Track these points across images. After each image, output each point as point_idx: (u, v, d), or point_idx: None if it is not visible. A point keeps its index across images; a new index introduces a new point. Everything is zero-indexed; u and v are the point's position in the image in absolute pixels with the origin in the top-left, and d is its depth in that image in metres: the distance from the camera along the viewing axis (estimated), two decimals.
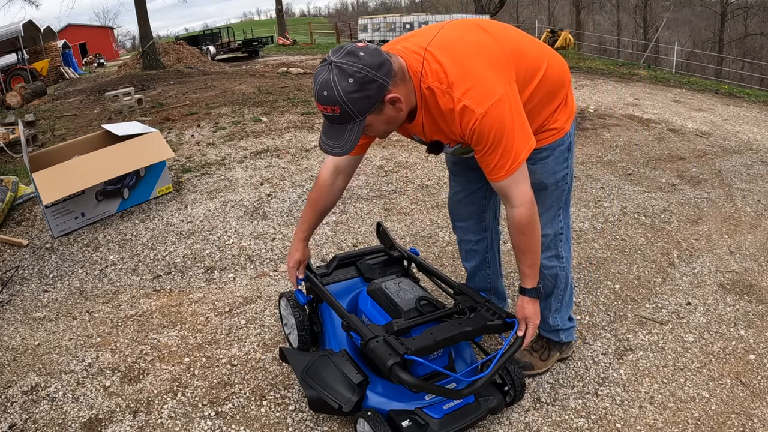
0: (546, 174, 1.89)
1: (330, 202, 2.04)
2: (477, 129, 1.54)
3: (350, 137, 1.52)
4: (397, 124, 1.63)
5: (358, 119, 1.49)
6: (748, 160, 5.09)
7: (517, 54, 1.66)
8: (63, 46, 20.47)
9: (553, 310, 2.14)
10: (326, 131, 1.56)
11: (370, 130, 1.59)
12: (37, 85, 12.66)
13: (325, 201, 2.02)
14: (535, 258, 1.78)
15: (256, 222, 3.69)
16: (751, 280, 2.95)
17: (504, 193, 1.67)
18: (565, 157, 1.91)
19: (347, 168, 1.97)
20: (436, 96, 1.57)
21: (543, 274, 2.06)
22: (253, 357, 2.34)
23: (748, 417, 1.99)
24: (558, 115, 1.86)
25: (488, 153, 1.59)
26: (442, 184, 4.25)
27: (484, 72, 1.55)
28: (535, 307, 1.82)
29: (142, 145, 3.95)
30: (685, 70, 16.42)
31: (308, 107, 6.79)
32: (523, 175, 1.64)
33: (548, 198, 1.94)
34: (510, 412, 2.01)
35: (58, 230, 3.62)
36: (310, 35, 28.28)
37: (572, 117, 1.92)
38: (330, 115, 1.49)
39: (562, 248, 2.04)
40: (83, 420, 2.04)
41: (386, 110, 1.53)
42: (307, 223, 2.08)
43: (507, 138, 1.56)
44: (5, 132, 6.23)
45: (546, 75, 1.75)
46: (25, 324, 2.72)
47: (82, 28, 42.88)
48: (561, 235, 2.02)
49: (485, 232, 2.24)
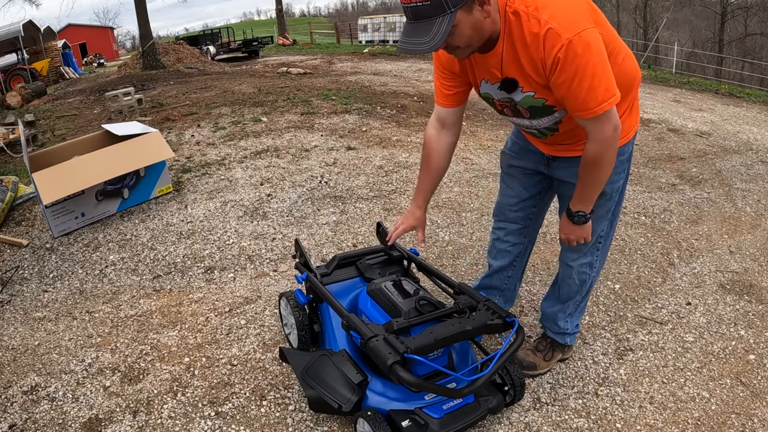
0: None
1: (441, 159, 1.96)
2: (561, 57, 1.47)
3: (439, 31, 1.46)
4: (480, 37, 1.55)
5: (449, 11, 1.45)
6: (748, 160, 5.09)
7: (603, 23, 1.61)
8: (63, 46, 20.47)
9: (567, 314, 2.14)
10: (409, 31, 1.50)
11: (455, 36, 1.51)
12: (37, 85, 12.66)
13: (435, 159, 1.95)
14: (590, 192, 1.73)
15: (256, 222, 3.69)
16: (751, 280, 2.94)
17: (585, 126, 1.61)
18: (624, 168, 1.87)
19: (451, 119, 1.91)
20: (521, 20, 1.52)
21: (572, 279, 2.05)
22: (253, 357, 2.34)
23: (748, 417, 1.99)
24: (625, 120, 1.78)
25: (573, 85, 1.51)
26: (442, 184, 4.25)
27: (571, 6, 1.51)
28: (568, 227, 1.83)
29: (142, 145, 3.95)
30: (685, 70, 16.42)
31: (308, 107, 6.79)
32: (607, 117, 1.56)
33: (602, 206, 1.90)
34: (510, 412, 2.01)
35: (58, 230, 3.61)
36: (310, 35, 28.26)
37: (636, 127, 1.86)
38: (418, 6, 1.44)
39: (597, 257, 2.03)
40: (83, 420, 2.04)
41: (475, 12, 1.49)
42: (422, 188, 2.01)
43: (594, 72, 1.48)
44: (5, 132, 6.23)
45: (622, 64, 1.69)
46: (25, 324, 2.72)
47: (82, 28, 42.91)
48: (599, 243, 2.00)
49: (525, 239, 2.20)
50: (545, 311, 2.21)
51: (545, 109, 1.68)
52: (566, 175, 1.91)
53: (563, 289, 2.11)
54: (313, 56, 16.25)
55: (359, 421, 1.77)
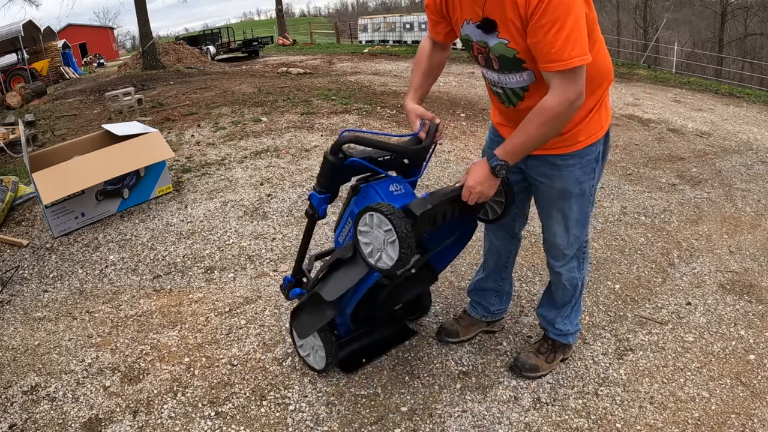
0: (571, 182, 1.86)
1: (433, 63, 1.97)
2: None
3: None
4: None
5: None
6: (748, 160, 5.09)
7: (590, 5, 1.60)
8: (63, 46, 20.47)
9: (564, 316, 2.15)
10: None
11: None
12: (37, 85, 12.67)
13: (428, 62, 1.97)
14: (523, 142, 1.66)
15: (256, 222, 3.69)
16: (751, 280, 2.94)
17: (551, 81, 1.57)
18: (592, 167, 1.87)
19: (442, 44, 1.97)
20: None
21: (563, 284, 2.07)
22: (253, 357, 2.34)
23: (748, 417, 1.99)
24: (592, 117, 1.79)
25: (552, 31, 1.49)
26: (442, 184, 4.26)
27: None
28: (482, 177, 1.71)
29: (142, 145, 3.95)
30: (685, 70, 16.41)
31: (308, 107, 6.79)
32: (576, 75, 1.54)
33: (572, 207, 1.91)
34: (510, 412, 2.01)
35: (58, 230, 3.61)
36: (310, 35, 28.28)
37: (605, 127, 1.85)
38: None
39: (584, 260, 2.06)
40: (83, 420, 2.04)
41: None
42: (415, 84, 1.97)
43: (574, 25, 1.48)
44: (5, 132, 6.24)
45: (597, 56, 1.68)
46: (25, 324, 2.72)
47: (82, 28, 42.90)
48: (585, 247, 2.04)
49: (512, 238, 2.23)
50: (543, 316, 2.22)
51: (515, 62, 1.66)
52: (538, 174, 1.92)
53: (558, 295, 2.13)
54: (313, 56, 16.25)
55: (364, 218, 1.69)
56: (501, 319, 2.45)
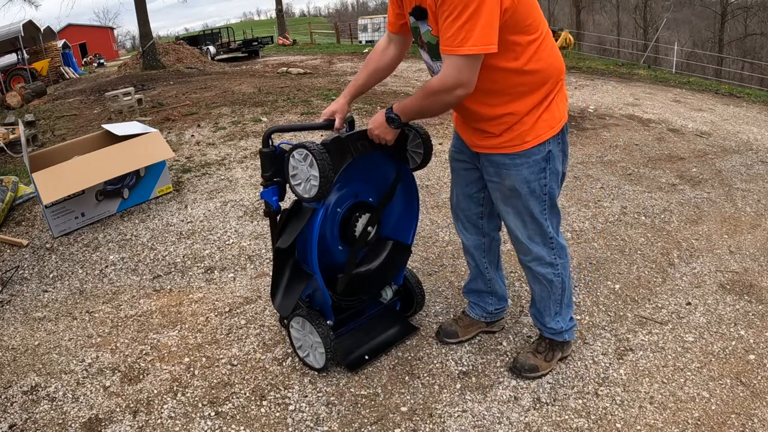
0: (519, 181, 1.88)
1: (383, 63, 2.08)
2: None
3: None
4: None
5: None
6: (748, 160, 5.09)
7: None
8: (63, 46, 20.49)
9: (553, 314, 2.14)
10: None
11: None
12: (37, 85, 12.67)
13: (376, 62, 2.08)
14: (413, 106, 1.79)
15: (256, 222, 3.69)
16: (751, 280, 2.94)
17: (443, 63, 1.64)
18: (541, 167, 1.86)
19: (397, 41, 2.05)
20: None
21: (537, 279, 2.08)
22: (253, 357, 2.34)
23: (748, 417, 1.99)
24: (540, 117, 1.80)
25: (451, 17, 1.55)
26: (443, 184, 4.26)
27: None
28: (379, 122, 1.89)
29: (142, 145, 3.95)
30: (685, 70, 16.42)
31: (308, 107, 6.79)
32: (463, 64, 1.59)
33: (525, 203, 1.92)
34: (510, 412, 2.01)
35: (58, 230, 3.62)
36: (310, 35, 28.29)
37: (556, 128, 1.84)
38: None
39: (556, 256, 2.03)
40: (83, 420, 2.04)
41: None
42: (354, 83, 2.12)
43: (474, 14, 1.53)
44: (5, 132, 6.24)
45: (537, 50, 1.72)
46: (25, 324, 2.72)
47: (82, 28, 42.96)
48: (552, 242, 2.01)
49: (481, 233, 2.23)
50: (534, 316, 2.23)
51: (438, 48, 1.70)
52: (489, 174, 1.96)
53: (535, 292, 2.13)
54: (313, 56, 16.25)
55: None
56: (501, 319, 2.45)
